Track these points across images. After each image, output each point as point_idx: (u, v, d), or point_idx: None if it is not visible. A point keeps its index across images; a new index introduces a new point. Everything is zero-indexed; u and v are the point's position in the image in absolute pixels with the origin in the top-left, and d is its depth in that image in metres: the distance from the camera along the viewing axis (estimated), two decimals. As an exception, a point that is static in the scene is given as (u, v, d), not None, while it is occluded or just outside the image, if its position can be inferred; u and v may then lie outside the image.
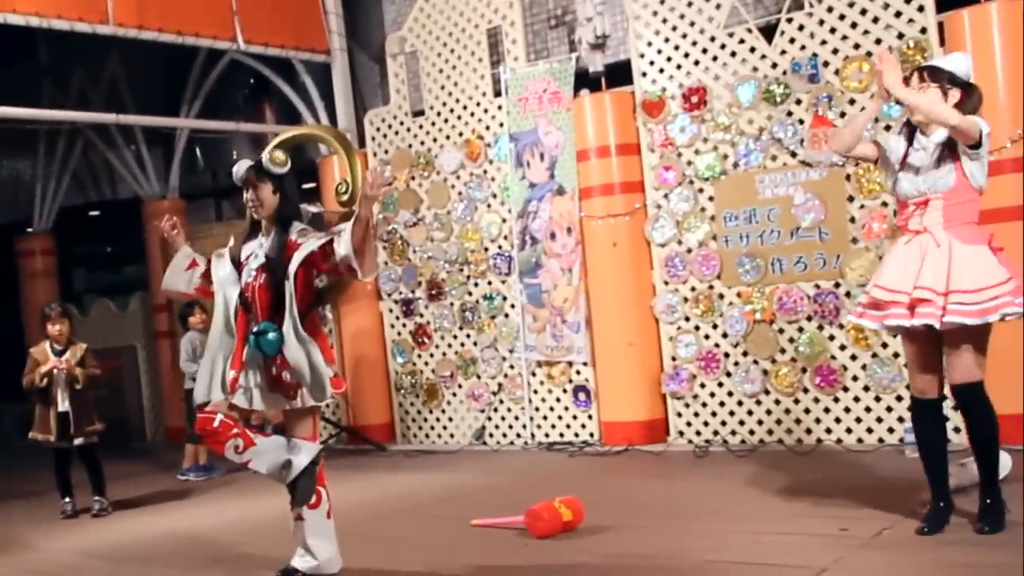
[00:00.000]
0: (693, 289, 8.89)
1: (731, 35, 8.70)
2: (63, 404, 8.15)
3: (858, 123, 5.37)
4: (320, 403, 5.38)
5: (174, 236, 5.79)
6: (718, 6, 8.75)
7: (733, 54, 8.69)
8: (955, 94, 5.09)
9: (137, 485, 9.52)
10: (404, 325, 10.80)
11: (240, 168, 5.48)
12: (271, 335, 5.22)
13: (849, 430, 8.20)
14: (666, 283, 9.01)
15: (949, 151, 5.06)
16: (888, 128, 7.68)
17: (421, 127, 10.62)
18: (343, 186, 5.62)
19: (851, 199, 8.13)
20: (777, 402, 8.52)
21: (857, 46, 8.11)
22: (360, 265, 5.15)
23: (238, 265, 5.47)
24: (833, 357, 8.25)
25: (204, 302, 9.88)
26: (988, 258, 5.03)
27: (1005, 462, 6.24)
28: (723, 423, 8.79)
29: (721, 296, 8.76)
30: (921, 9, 7.84)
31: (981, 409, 5.13)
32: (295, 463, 5.35)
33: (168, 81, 13.08)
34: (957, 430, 6.92)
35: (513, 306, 9.98)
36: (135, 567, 6.28)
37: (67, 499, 8.33)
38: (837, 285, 8.20)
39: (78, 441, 8.23)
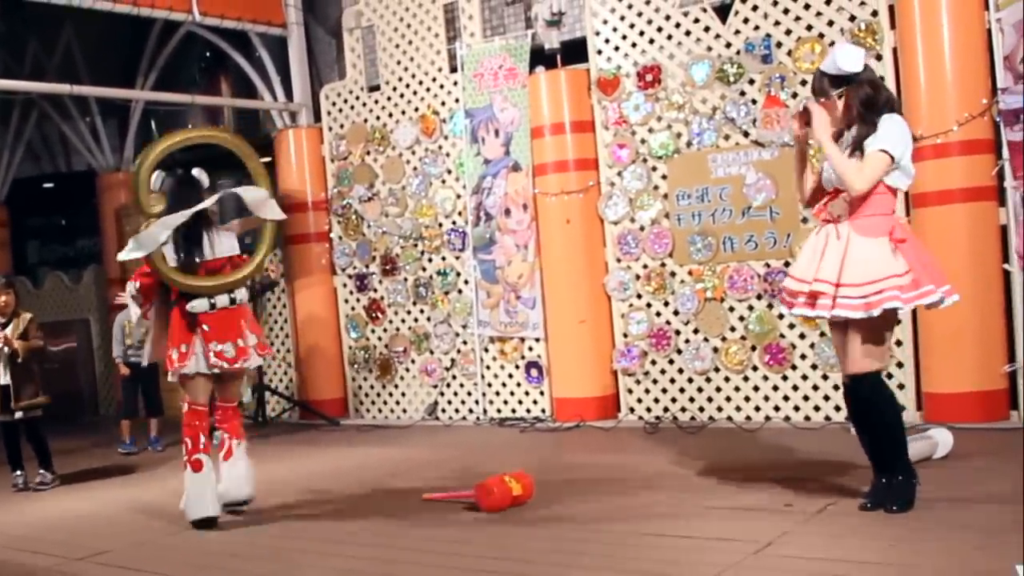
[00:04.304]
0: (645, 267, 8.95)
1: (686, 14, 8.73)
2: (4, 377, 8.06)
3: (797, 172, 5.42)
4: None
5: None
6: (673, -15, 8.80)
7: (688, 33, 8.73)
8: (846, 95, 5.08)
9: (89, 458, 9.49)
10: (358, 300, 10.81)
11: None
12: None
13: (797, 408, 8.30)
14: (618, 260, 9.07)
15: (858, 150, 5.08)
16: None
17: (377, 102, 10.61)
18: None
19: (802, 179, 8.21)
20: (727, 379, 8.61)
21: (810, 27, 8.16)
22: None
23: None
24: (782, 335, 8.35)
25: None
26: (884, 251, 5.02)
27: (946, 441, 6.37)
28: (673, 400, 8.87)
29: (673, 274, 8.83)
30: (873, -8, 7.92)
31: (870, 399, 5.17)
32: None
33: (124, 53, 12.97)
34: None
35: (467, 282, 10.01)
36: (94, 534, 6.29)
37: (18, 472, 8.28)
38: (787, 264, 8.26)
39: (19, 415, 8.11)
